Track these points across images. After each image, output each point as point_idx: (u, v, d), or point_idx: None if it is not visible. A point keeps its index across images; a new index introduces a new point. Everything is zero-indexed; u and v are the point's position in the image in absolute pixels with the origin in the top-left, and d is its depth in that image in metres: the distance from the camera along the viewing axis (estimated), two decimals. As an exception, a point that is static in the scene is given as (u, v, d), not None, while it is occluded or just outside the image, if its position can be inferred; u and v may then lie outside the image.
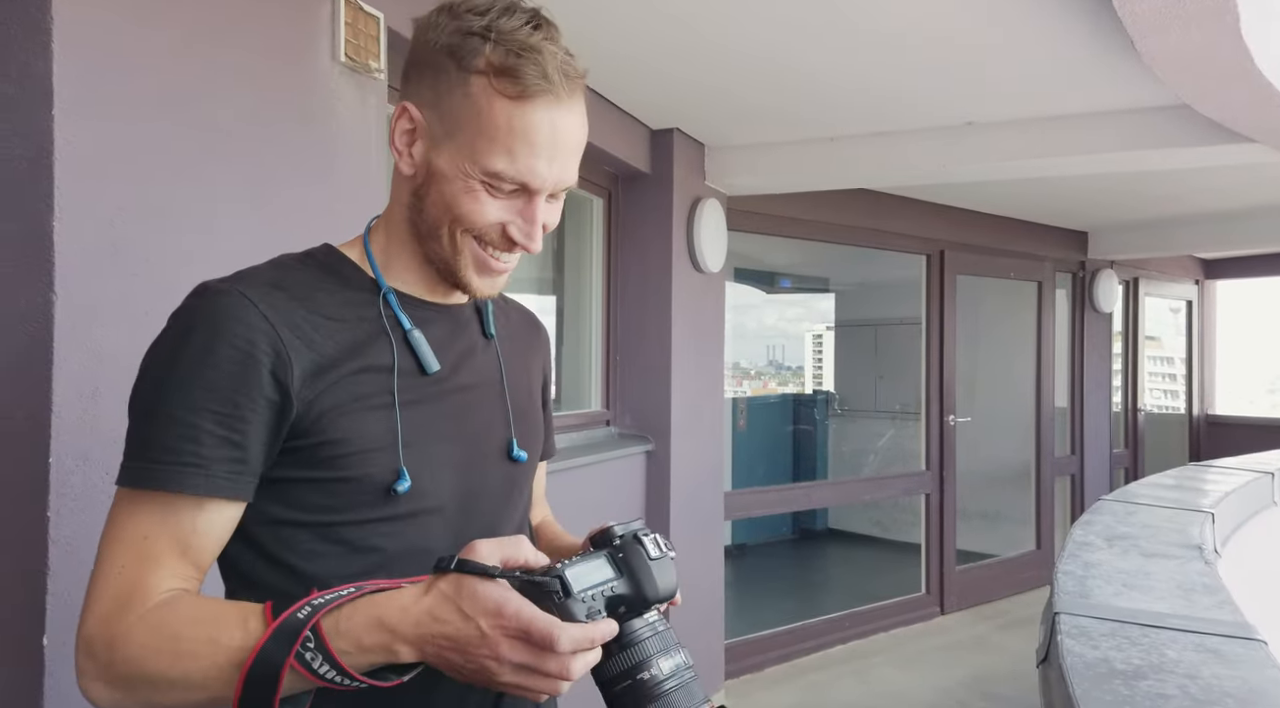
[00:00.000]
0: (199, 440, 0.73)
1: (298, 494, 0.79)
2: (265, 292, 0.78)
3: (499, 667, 0.66)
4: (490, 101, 0.78)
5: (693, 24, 2.34)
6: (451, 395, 0.87)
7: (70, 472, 1.27)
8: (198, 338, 0.75)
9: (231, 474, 0.74)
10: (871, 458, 6.29)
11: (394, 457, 0.80)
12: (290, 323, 0.77)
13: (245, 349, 0.74)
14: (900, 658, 4.28)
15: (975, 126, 3.22)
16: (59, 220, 1.25)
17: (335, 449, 0.78)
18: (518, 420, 0.94)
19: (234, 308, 0.75)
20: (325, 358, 0.78)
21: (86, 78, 1.29)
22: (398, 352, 0.83)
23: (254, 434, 0.75)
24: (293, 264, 0.85)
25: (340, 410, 0.78)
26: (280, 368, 0.75)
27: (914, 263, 5.05)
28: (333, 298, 0.83)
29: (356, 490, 0.79)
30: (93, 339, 1.30)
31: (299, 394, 0.76)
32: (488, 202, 0.80)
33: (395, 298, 0.85)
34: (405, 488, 0.80)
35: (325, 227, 1.71)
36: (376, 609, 0.68)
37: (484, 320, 0.95)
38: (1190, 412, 7.30)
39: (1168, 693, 0.75)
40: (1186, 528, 1.49)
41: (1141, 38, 2.06)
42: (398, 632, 0.67)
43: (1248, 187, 4.58)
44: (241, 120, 1.55)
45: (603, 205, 3.36)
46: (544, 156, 0.79)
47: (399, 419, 0.81)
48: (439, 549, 0.80)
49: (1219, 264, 7.37)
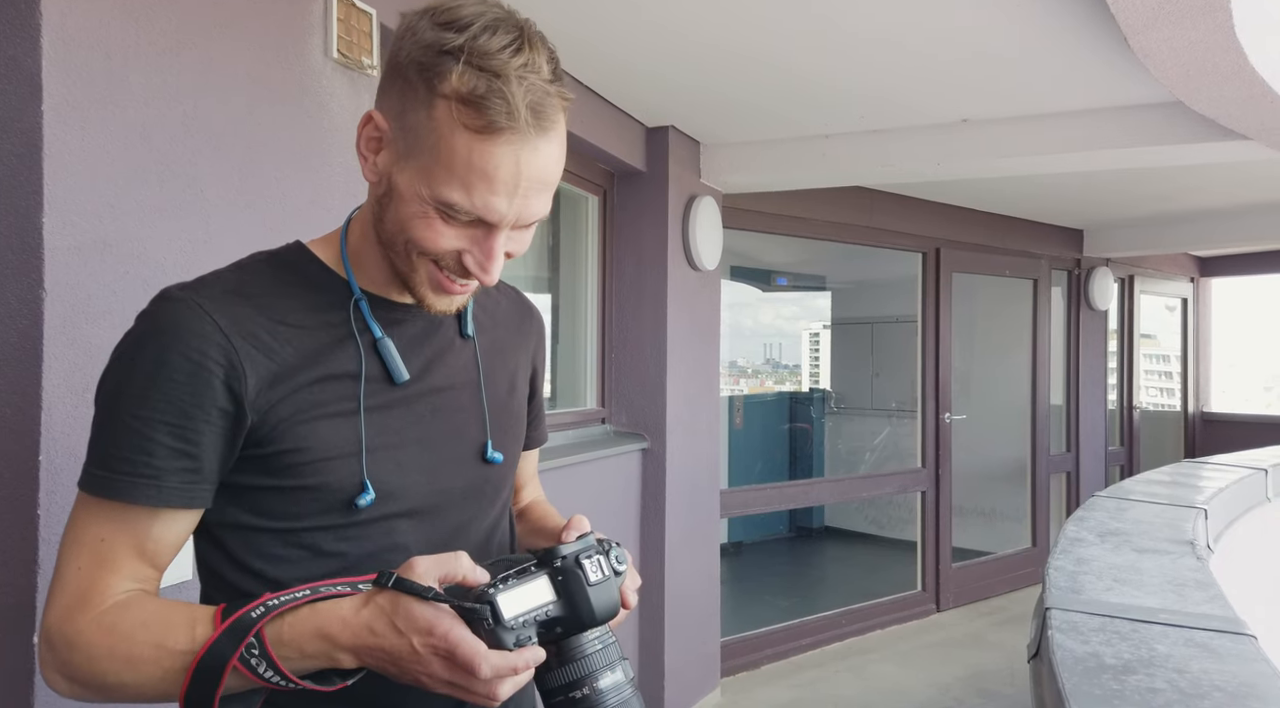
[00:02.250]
0: (152, 452, 0.74)
1: (261, 500, 0.79)
2: (223, 299, 0.77)
3: (431, 681, 0.69)
4: (452, 130, 0.72)
5: (686, 24, 2.34)
6: (421, 399, 0.86)
7: (60, 470, 1.27)
8: (152, 347, 0.75)
9: (185, 485, 0.75)
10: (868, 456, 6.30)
11: (356, 465, 0.80)
12: (246, 331, 0.76)
13: (197, 360, 0.74)
14: (896, 655, 4.28)
15: (970, 124, 3.22)
16: (48, 217, 1.25)
17: (294, 457, 0.78)
18: (495, 421, 0.92)
19: (187, 318, 0.75)
20: (284, 366, 0.77)
21: (76, 74, 1.28)
22: (365, 359, 0.82)
23: (207, 445, 0.75)
24: (259, 267, 0.84)
25: (299, 418, 0.78)
26: (233, 378, 0.75)
27: (910, 261, 5.05)
28: (297, 302, 0.81)
29: (317, 498, 0.79)
30: (83, 336, 1.30)
31: (253, 404, 0.76)
32: (443, 230, 0.76)
33: (366, 304, 0.83)
34: (368, 501, 0.80)
35: (317, 223, 1.71)
36: (318, 619, 0.70)
37: (461, 320, 0.92)
38: (1186, 409, 7.32)
39: (1157, 687, 0.75)
40: (1179, 524, 1.49)
41: (1134, 34, 2.06)
42: (337, 642, 0.70)
43: (1242, 184, 4.58)
44: (233, 117, 1.54)
45: (598, 203, 3.36)
46: (503, 194, 0.74)
47: (363, 427, 0.80)
48: (406, 553, 0.81)
49: (1214, 261, 7.38)
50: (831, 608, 4.47)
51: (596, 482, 3.07)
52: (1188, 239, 5.74)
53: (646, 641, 3.34)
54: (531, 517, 1.08)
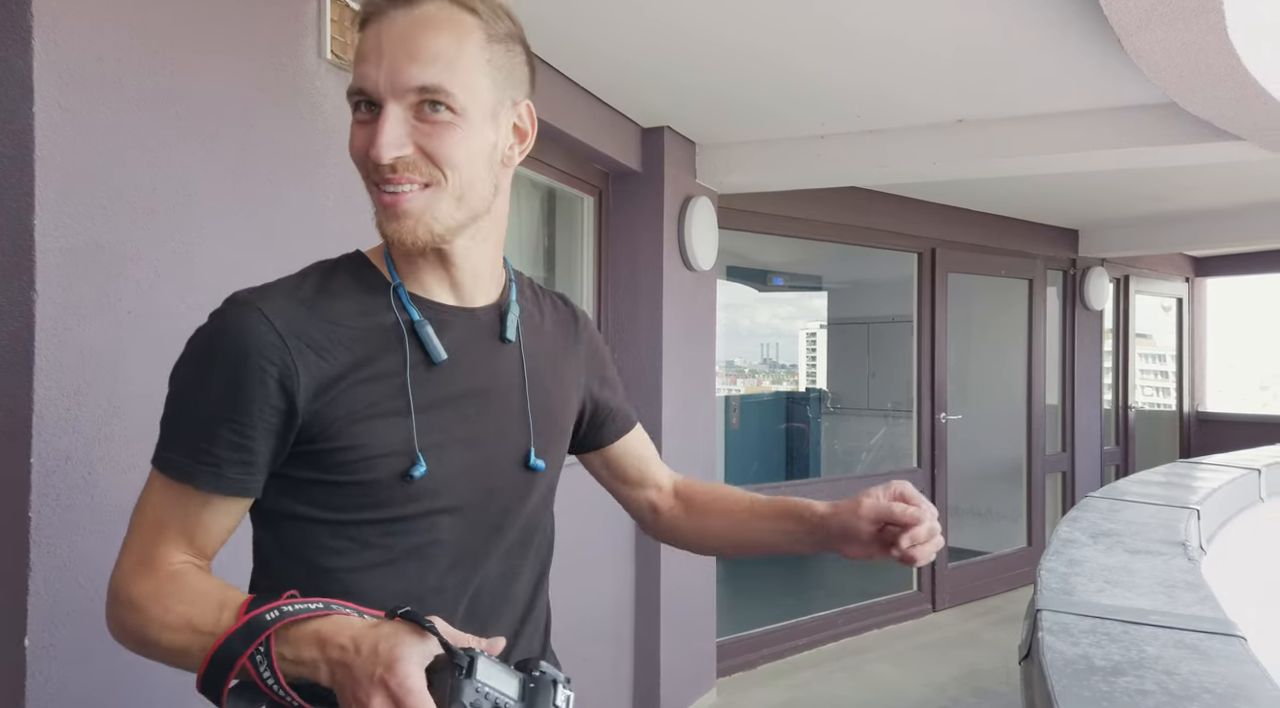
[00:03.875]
0: (213, 443, 0.80)
1: (314, 493, 0.84)
2: (282, 304, 0.82)
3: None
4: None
5: (682, 22, 2.34)
6: (465, 399, 0.88)
7: (52, 472, 1.27)
8: (217, 347, 0.81)
9: (240, 475, 0.81)
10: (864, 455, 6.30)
11: (410, 458, 0.83)
12: (303, 334, 0.81)
13: (255, 363, 0.79)
14: (892, 655, 4.29)
15: (966, 124, 3.23)
16: (40, 218, 1.24)
17: (349, 455, 0.82)
18: (539, 428, 0.94)
19: (248, 323, 0.80)
20: (337, 368, 0.82)
21: (67, 75, 1.28)
22: (409, 346, 0.85)
23: (260, 439, 0.81)
24: (320, 273, 0.88)
25: (353, 417, 0.82)
26: (287, 379, 0.80)
27: (906, 261, 5.05)
28: (351, 305, 0.85)
29: (367, 492, 0.83)
30: (75, 338, 1.29)
31: (306, 405, 0.81)
32: (355, 133, 0.83)
33: (405, 293, 0.87)
34: (421, 472, 0.82)
35: (311, 225, 1.71)
36: (321, 624, 0.72)
37: (504, 324, 0.93)
38: (1181, 409, 7.33)
39: (1146, 689, 0.75)
40: (1172, 525, 1.49)
41: (1127, 36, 2.06)
42: (327, 648, 0.71)
43: (1237, 184, 4.59)
44: (226, 118, 1.54)
45: (593, 204, 3.36)
46: (370, 61, 0.80)
47: (414, 424, 0.83)
48: (444, 549, 0.86)
49: (1209, 261, 7.40)
50: (827, 608, 4.47)
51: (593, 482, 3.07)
52: (1183, 239, 5.75)
53: (643, 641, 3.34)
54: (704, 496, 1.12)
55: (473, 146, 0.83)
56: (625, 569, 3.31)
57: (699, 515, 1.13)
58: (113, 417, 1.34)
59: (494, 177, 0.87)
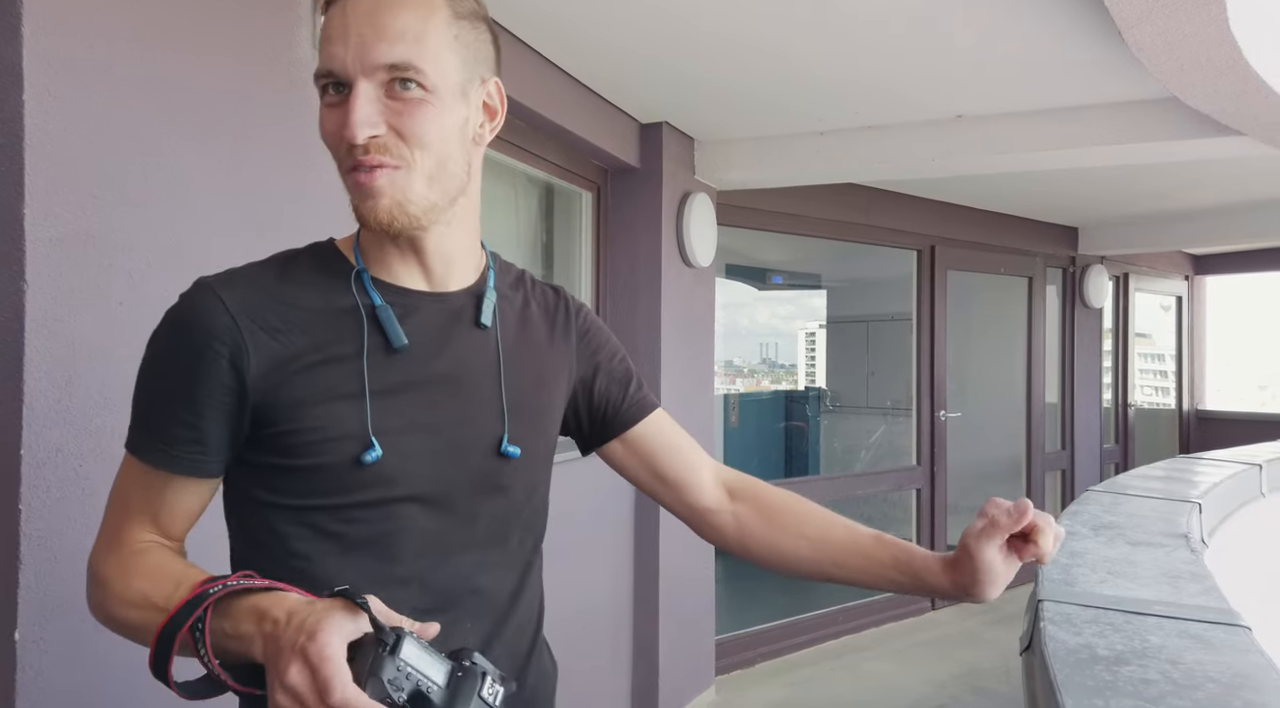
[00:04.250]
0: (166, 422, 0.81)
1: (274, 478, 0.83)
2: (240, 286, 0.82)
3: (276, 682, 0.66)
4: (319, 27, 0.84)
5: (682, 11, 2.33)
6: (431, 385, 0.86)
7: (42, 464, 1.25)
8: (171, 328, 0.82)
9: (191, 455, 0.81)
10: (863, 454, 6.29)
11: (363, 441, 0.81)
12: (256, 315, 0.81)
13: (207, 343, 0.79)
14: (891, 652, 4.27)
15: (965, 120, 3.22)
16: (29, 208, 1.23)
17: (301, 437, 0.81)
18: (515, 415, 0.91)
19: (203, 304, 0.81)
20: (291, 349, 0.81)
21: (58, 64, 1.27)
22: (368, 330, 0.84)
23: (212, 419, 0.80)
24: (284, 258, 0.88)
25: (306, 401, 0.81)
26: (239, 359, 0.80)
27: (905, 259, 5.04)
28: (311, 289, 0.85)
29: (323, 477, 0.82)
30: (65, 329, 1.28)
31: (255, 385, 0.80)
32: (326, 117, 0.81)
33: (369, 278, 0.86)
34: (374, 457, 0.81)
35: (303, 217, 1.69)
36: (261, 598, 0.71)
37: (479, 309, 0.91)
38: (1180, 407, 7.32)
39: (1150, 678, 0.74)
40: (1173, 518, 1.48)
41: (1129, 28, 2.05)
42: (262, 621, 0.70)
43: (1237, 182, 4.58)
44: (218, 108, 1.53)
45: (591, 200, 3.35)
46: (337, 41, 0.79)
47: (369, 407, 0.82)
48: (409, 539, 0.84)
49: (1209, 260, 7.39)
50: (826, 606, 4.46)
51: (590, 479, 3.05)
52: (1182, 237, 5.74)
53: (641, 639, 3.32)
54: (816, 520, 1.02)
55: (444, 124, 0.82)
56: (624, 566, 3.29)
57: (780, 531, 1.02)
58: (104, 408, 1.32)
59: (466, 155, 0.86)
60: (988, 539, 0.87)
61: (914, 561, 0.95)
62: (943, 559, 0.93)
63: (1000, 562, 0.87)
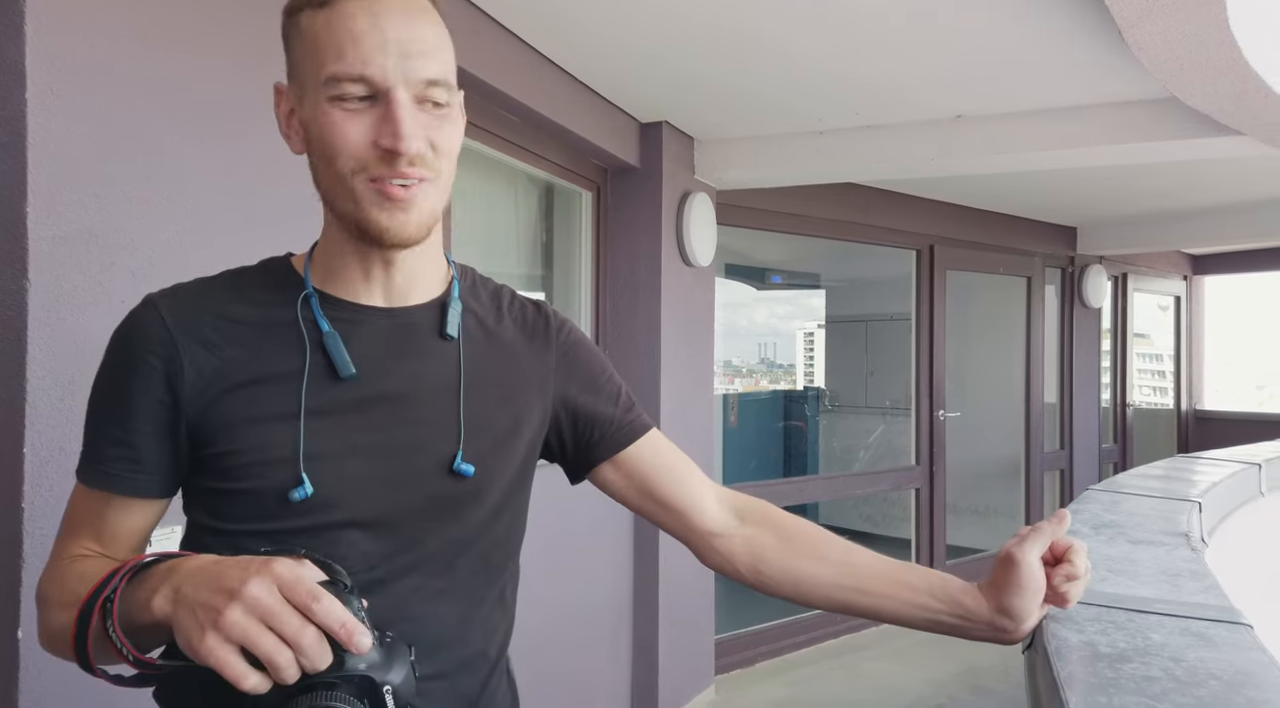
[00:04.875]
0: (100, 439, 0.80)
1: (213, 502, 0.81)
2: (181, 300, 0.81)
3: (229, 603, 0.60)
4: (311, 21, 0.77)
5: (682, 12, 2.33)
6: (377, 405, 0.81)
7: (45, 463, 1.25)
8: (113, 345, 0.81)
9: (126, 472, 0.79)
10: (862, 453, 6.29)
11: (294, 467, 0.78)
12: (191, 328, 0.79)
13: (141, 357, 0.78)
14: (891, 652, 4.28)
15: (964, 119, 3.22)
16: (32, 206, 1.23)
17: (235, 459, 0.78)
18: (472, 432, 0.85)
19: (141, 318, 0.80)
20: (226, 362, 0.79)
21: (60, 62, 1.27)
22: (310, 356, 0.80)
23: (146, 436, 0.79)
24: (233, 273, 0.86)
25: (241, 421, 0.78)
26: (173, 373, 0.78)
27: (904, 258, 5.04)
28: (251, 304, 0.82)
29: (258, 501, 0.78)
30: (68, 327, 1.28)
31: (190, 399, 0.78)
32: (344, 122, 0.75)
33: (317, 300, 0.82)
34: (302, 495, 0.77)
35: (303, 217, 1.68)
36: (177, 560, 0.68)
37: (444, 321, 0.86)
38: (1179, 407, 7.33)
39: (1153, 675, 0.74)
40: (1173, 516, 1.48)
41: (1129, 27, 2.05)
42: (175, 572, 0.66)
43: (1235, 181, 4.59)
44: (219, 107, 1.53)
45: (591, 199, 3.35)
46: (372, 41, 0.74)
47: (302, 430, 0.78)
48: (347, 564, 0.76)
49: (1207, 260, 7.40)
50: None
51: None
52: (1181, 237, 5.75)
53: (641, 638, 3.33)
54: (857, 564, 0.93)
55: (459, 137, 0.81)
56: (624, 566, 3.29)
57: (798, 555, 0.95)
58: (106, 407, 1.32)
59: None
60: (1031, 544, 0.86)
61: (949, 585, 0.90)
62: (979, 586, 0.90)
63: (1042, 572, 0.86)
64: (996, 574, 0.88)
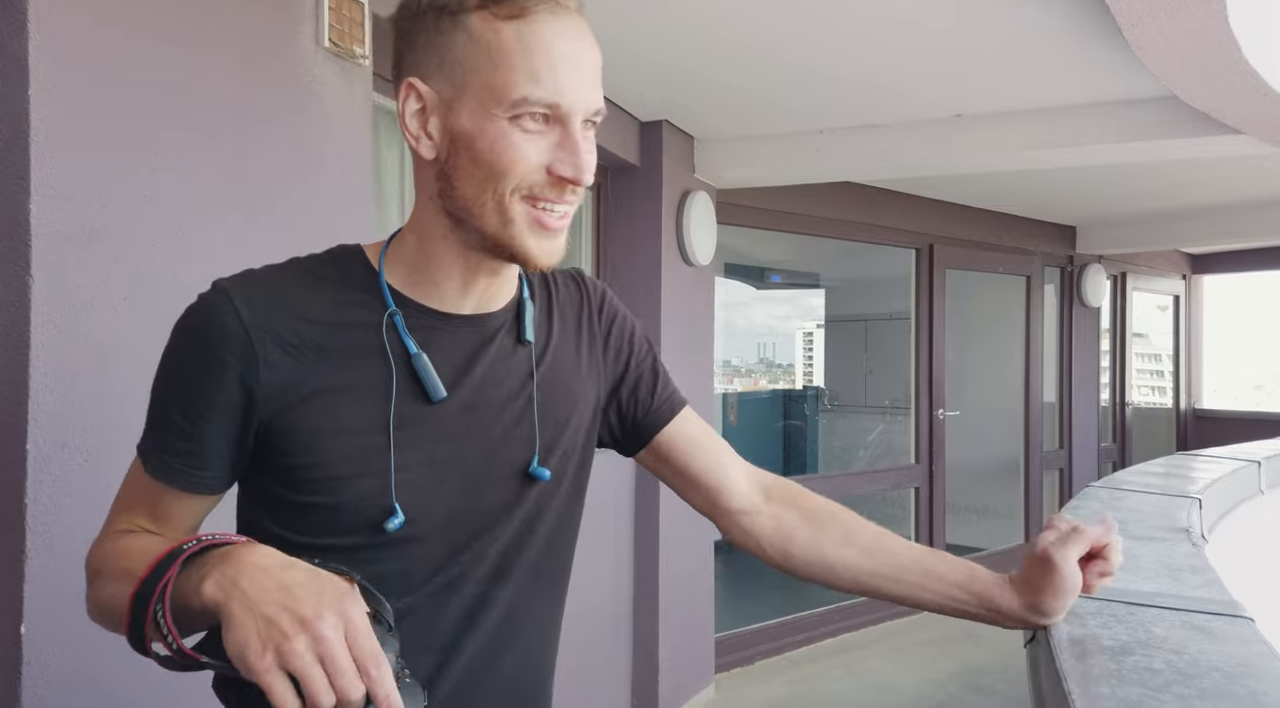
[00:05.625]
0: (165, 431, 0.78)
1: (284, 513, 0.79)
2: (254, 292, 0.76)
3: (299, 633, 0.59)
4: (495, 31, 0.72)
5: (681, 12, 2.33)
6: (457, 416, 0.81)
7: (48, 459, 1.25)
8: (182, 334, 0.78)
9: (186, 467, 0.77)
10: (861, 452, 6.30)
11: (383, 487, 0.77)
12: (271, 331, 0.75)
13: (216, 353, 0.75)
14: (890, 651, 4.28)
15: (964, 118, 3.22)
16: (35, 203, 1.23)
17: (314, 472, 0.76)
18: (547, 434, 0.85)
19: (216, 311, 0.75)
20: (309, 372, 0.76)
21: (64, 59, 1.27)
22: (398, 374, 0.78)
23: (211, 432, 0.76)
24: (311, 266, 0.81)
25: (322, 432, 0.76)
26: (248, 374, 0.74)
27: (904, 258, 5.05)
28: (336, 309, 0.78)
29: (336, 517, 0.77)
30: (71, 324, 1.28)
31: (265, 404, 0.75)
32: (523, 143, 0.73)
33: (402, 318, 0.79)
34: (397, 525, 0.77)
35: (308, 214, 1.70)
36: (233, 549, 0.65)
37: (521, 325, 0.86)
38: (1178, 406, 7.34)
39: (1155, 668, 0.74)
40: (1173, 513, 1.49)
41: (1129, 25, 2.06)
42: (229, 563, 0.63)
43: (1235, 181, 4.60)
44: (224, 105, 1.53)
45: (591, 197, 3.36)
46: (567, 69, 0.73)
47: (392, 448, 0.77)
48: (423, 573, 0.80)
49: (1206, 259, 7.41)
50: (826, 604, 4.47)
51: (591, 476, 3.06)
52: (1180, 236, 5.76)
53: (641, 637, 3.33)
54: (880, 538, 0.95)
55: None
56: (624, 565, 3.30)
57: (826, 538, 0.95)
58: (109, 404, 1.33)
59: None
60: (1071, 547, 0.84)
61: (977, 578, 0.91)
62: (1010, 581, 0.89)
63: (1079, 574, 0.85)
64: (1031, 572, 0.87)
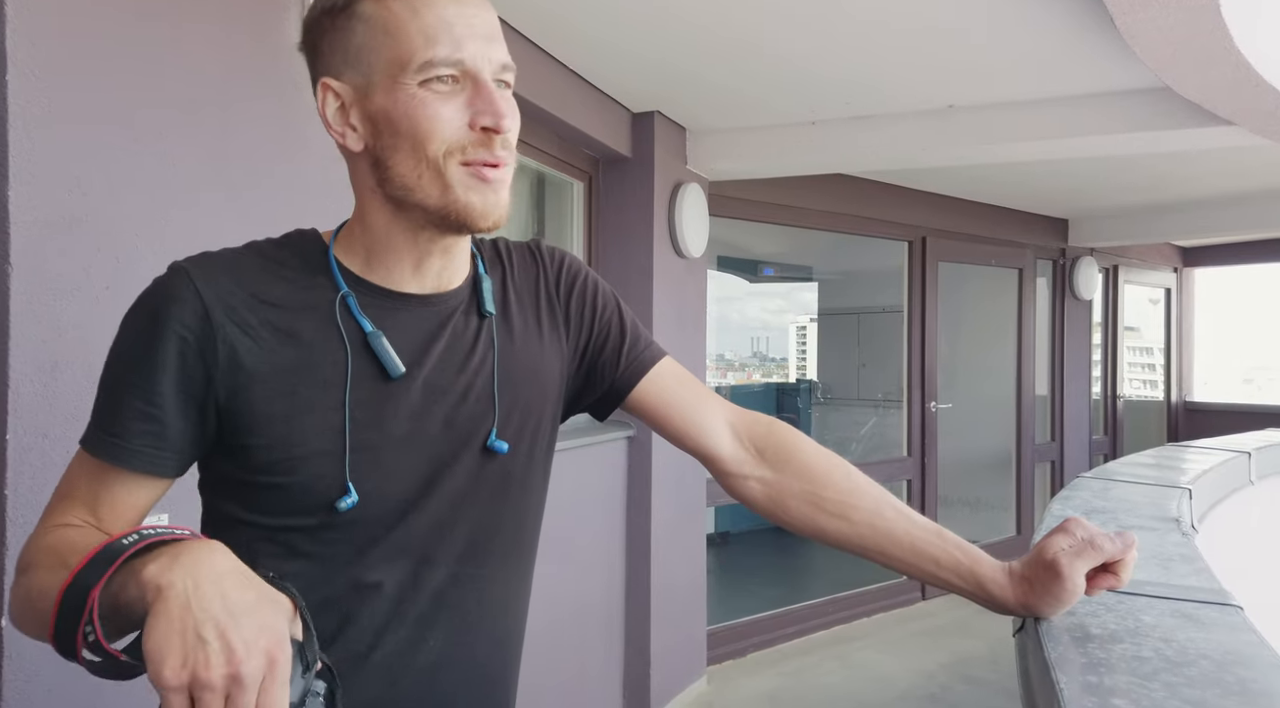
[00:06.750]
0: (119, 413, 0.75)
1: (244, 494, 0.79)
2: (214, 272, 0.77)
3: (222, 665, 0.55)
4: (388, 9, 0.75)
5: (673, 4, 2.32)
6: (415, 393, 0.81)
7: (28, 449, 1.24)
8: (137, 315, 0.77)
9: (146, 448, 0.75)
10: (854, 445, 6.31)
11: (337, 466, 0.77)
12: (228, 309, 0.75)
13: (173, 329, 0.74)
14: (882, 642, 4.29)
15: (956, 110, 3.22)
16: (14, 190, 1.22)
17: (271, 454, 0.76)
18: (506, 407, 0.85)
19: (174, 289, 0.76)
20: (265, 352, 0.76)
21: (43, 43, 1.25)
22: (353, 354, 0.78)
23: (174, 412, 0.75)
24: (268, 249, 0.82)
25: (279, 413, 0.76)
26: (207, 350, 0.75)
27: (896, 252, 5.05)
28: (293, 290, 0.79)
29: (294, 497, 0.77)
30: (51, 313, 1.27)
31: (223, 381, 0.75)
32: (436, 102, 0.75)
33: (355, 299, 0.80)
34: (350, 504, 0.77)
35: (290, 200, 1.68)
36: (188, 544, 0.61)
37: (480, 299, 0.86)
38: (1169, 398, 7.37)
39: (1143, 656, 0.74)
40: (1164, 503, 1.48)
41: (1121, 15, 2.05)
42: (179, 558, 0.59)
43: (1226, 174, 4.61)
44: (206, 91, 1.51)
45: (583, 189, 3.34)
46: (461, 27, 0.75)
47: (348, 426, 0.77)
48: (385, 552, 0.79)
49: (1197, 252, 7.43)
50: (817, 597, 4.47)
51: (582, 470, 3.05)
52: (1172, 229, 5.77)
53: (633, 629, 3.33)
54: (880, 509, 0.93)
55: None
56: (616, 558, 3.29)
57: (820, 511, 0.93)
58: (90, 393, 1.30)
59: None
60: (1083, 560, 0.82)
61: (978, 569, 0.90)
62: (1010, 574, 0.88)
63: (1084, 587, 0.83)
64: (1035, 573, 0.85)
